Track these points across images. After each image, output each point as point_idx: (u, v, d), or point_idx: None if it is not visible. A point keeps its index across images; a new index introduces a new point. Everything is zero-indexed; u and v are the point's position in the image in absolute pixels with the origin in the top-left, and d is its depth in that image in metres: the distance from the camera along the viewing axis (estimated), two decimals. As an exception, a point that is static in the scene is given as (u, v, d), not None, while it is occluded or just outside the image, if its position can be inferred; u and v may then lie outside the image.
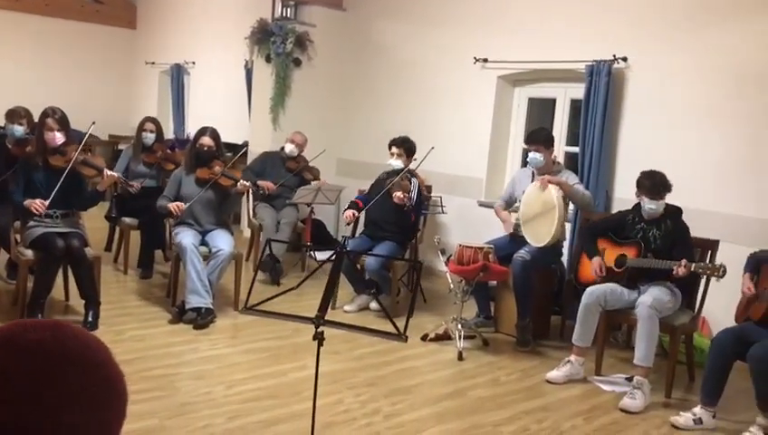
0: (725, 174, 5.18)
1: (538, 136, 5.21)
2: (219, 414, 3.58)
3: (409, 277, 6.26)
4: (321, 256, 6.75)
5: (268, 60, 7.69)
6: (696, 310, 4.56)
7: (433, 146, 5.61)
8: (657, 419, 4.00)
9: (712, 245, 4.54)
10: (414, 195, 5.56)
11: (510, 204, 5.45)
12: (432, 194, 6.35)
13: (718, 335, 3.94)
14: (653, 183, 4.37)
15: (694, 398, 4.27)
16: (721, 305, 4.58)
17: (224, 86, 9.74)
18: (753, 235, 4.74)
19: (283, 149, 6.90)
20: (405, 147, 5.75)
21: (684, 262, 4.08)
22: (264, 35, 7.62)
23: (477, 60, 6.73)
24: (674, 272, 4.12)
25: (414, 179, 5.66)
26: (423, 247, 6.51)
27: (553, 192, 4.90)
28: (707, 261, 4.50)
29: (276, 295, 2.93)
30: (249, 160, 7.10)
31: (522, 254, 5.01)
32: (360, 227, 6.00)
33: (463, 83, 6.92)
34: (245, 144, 7.70)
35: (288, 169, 6.74)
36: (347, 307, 5.62)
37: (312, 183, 6.69)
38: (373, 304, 5.58)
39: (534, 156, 5.14)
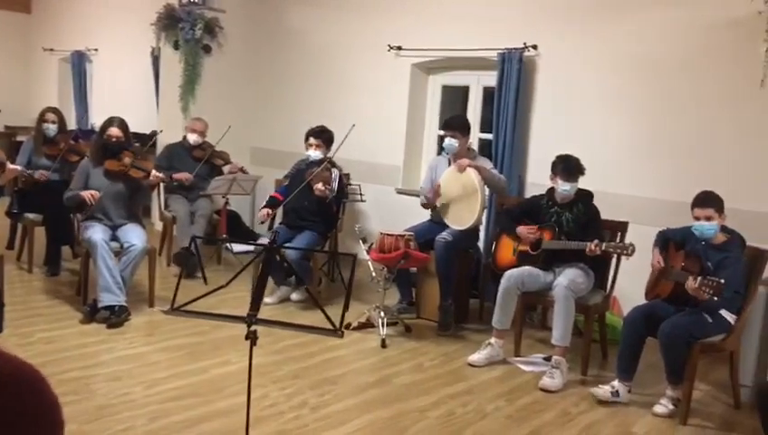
0: (631, 158, 5.40)
1: (455, 122, 5.27)
2: (140, 416, 3.45)
3: (329, 267, 6.23)
4: (238, 248, 6.64)
5: (176, 47, 7.44)
6: (607, 290, 4.74)
7: (354, 123, 5.56)
8: (575, 396, 4.14)
9: (622, 226, 4.73)
10: (335, 185, 5.52)
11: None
12: (350, 182, 6.33)
13: (630, 313, 4.11)
14: (567, 166, 4.51)
15: (608, 374, 4.45)
16: (629, 285, 4.78)
17: (129, 74, 9.37)
18: (658, 215, 4.95)
19: (185, 138, 6.68)
20: (323, 137, 5.70)
21: (596, 242, 4.23)
22: (171, 21, 7.36)
23: (392, 47, 6.73)
24: (587, 250, 4.26)
25: (335, 170, 5.61)
26: (342, 236, 6.49)
27: (473, 176, 4.98)
28: (618, 241, 4.69)
29: (205, 295, 2.83)
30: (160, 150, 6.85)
31: (444, 235, 5.07)
32: (279, 218, 5.90)
33: (378, 71, 6.91)
34: (154, 134, 7.44)
35: (195, 159, 6.54)
36: (267, 299, 5.52)
37: (225, 169, 6.54)
38: (294, 296, 5.53)
39: (450, 142, 5.19)
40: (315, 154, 5.67)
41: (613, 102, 5.49)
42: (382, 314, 4.86)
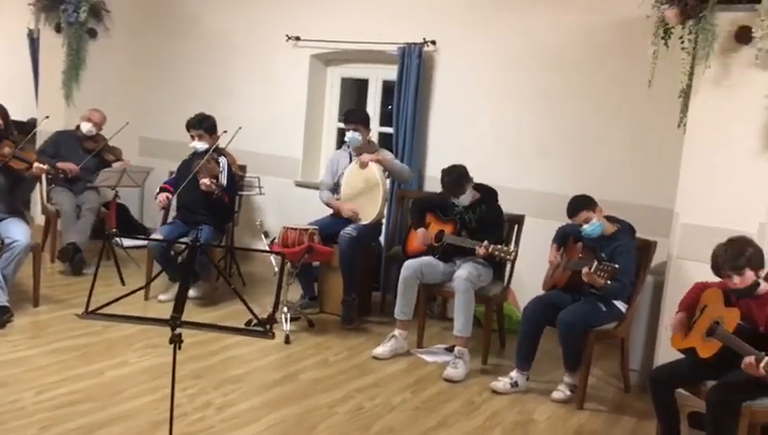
0: (528, 153, 5.57)
1: (356, 115, 5.25)
2: (31, 424, 3.23)
3: (226, 262, 6.06)
4: (129, 243, 6.34)
5: (58, 29, 6.99)
6: (505, 281, 4.88)
7: (240, 126, 5.42)
8: (478, 385, 4.24)
9: (519, 219, 4.89)
10: (224, 177, 5.33)
11: (337, 190, 5.43)
12: (248, 174, 6.17)
13: (529, 304, 4.25)
14: (448, 184, 4.57)
15: (506, 362, 4.59)
16: (525, 276, 4.95)
17: (3, 58, 8.71)
18: (554, 209, 5.11)
19: (78, 127, 6.31)
20: (204, 126, 5.42)
21: (485, 244, 4.35)
22: (52, 2, 6.90)
23: (290, 37, 6.62)
24: (476, 251, 4.39)
25: (222, 159, 5.41)
26: (239, 230, 6.33)
27: (375, 170, 4.99)
28: (514, 236, 4.85)
29: (121, 297, 2.64)
30: (41, 140, 6.41)
31: (348, 230, 5.05)
32: (173, 212, 5.66)
33: (276, 61, 6.78)
34: (32, 121, 6.97)
35: (86, 150, 6.19)
36: (162, 296, 5.31)
37: (115, 165, 6.22)
38: (191, 292, 5.33)
39: (353, 135, 5.17)
40: (200, 145, 5.41)
41: (510, 99, 5.64)
42: (285, 309, 4.78)
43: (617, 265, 3.84)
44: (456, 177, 4.58)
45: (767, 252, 3.30)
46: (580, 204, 4.10)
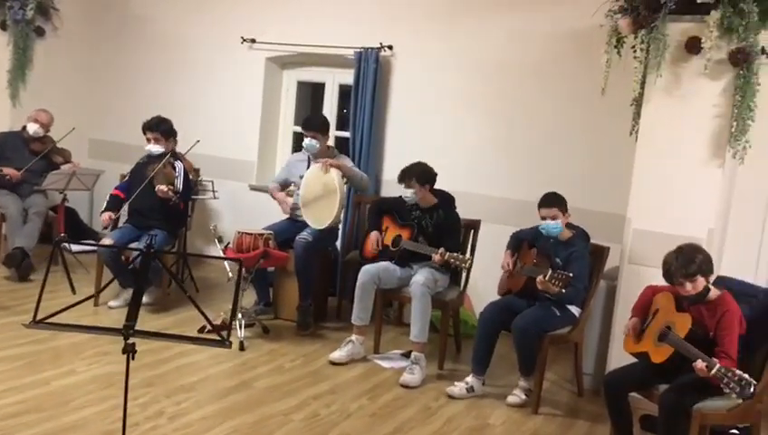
0: (484, 158, 5.61)
1: (314, 123, 5.19)
2: (-27, 437, 3.10)
3: (178, 268, 5.95)
4: (77, 248, 6.17)
5: (4, 27, 6.76)
6: (461, 286, 4.90)
7: (198, 139, 5.34)
8: (435, 390, 4.24)
9: (475, 224, 4.91)
10: (180, 182, 5.24)
11: (284, 187, 5.41)
12: (202, 178, 6.08)
13: (485, 309, 4.27)
14: (401, 174, 4.65)
15: (462, 367, 4.60)
16: (481, 281, 4.98)
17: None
18: (510, 214, 5.19)
19: (24, 128, 6.12)
20: (161, 129, 5.31)
21: (441, 250, 4.37)
22: (-4, -1, 6.69)
23: (245, 40, 6.54)
24: (432, 259, 4.39)
25: (179, 164, 5.33)
26: (192, 234, 6.22)
27: (334, 176, 4.96)
28: (470, 241, 4.88)
29: (70, 306, 2.55)
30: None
31: (304, 236, 5.01)
32: (124, 217, 5.53)
33: (231, 64, 6.69)
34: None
35: (33, 152, 6.00)
36: (112, 303, 5.19)
37: (64, 167, 6.04)
38: (144, 298, 5.20)
39: (311, 142, 5.13)
40: (155, 148, 5.31)
41: (466, 104, 5.67)
42: (239, 315, 4.71)
43: (571, 274, 3.88)
44: (411, 166, 4.63)
45: (716, 257, 3.38)
46: (557, 200, 4.14)
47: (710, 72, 3.84)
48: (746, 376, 2.80)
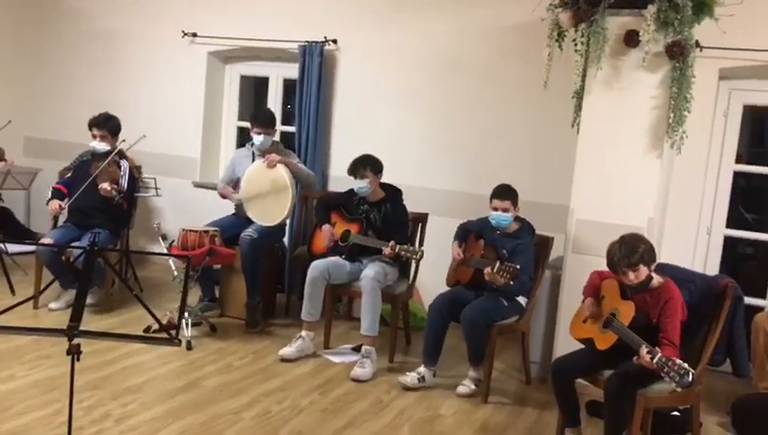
0: (430, 152, 5.64)
1: (264, 117, 5.12)
2: None
3: (121, 267, 5.81)
4: (14, 248, 5.96)
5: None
6: (410, 279, 4.92)
7: (144, 134, 5.22)
8: (386, 383, 4.26)
9: (422, 218, 4.94)
10: (124, 181, 5.13)
11: (233, 185, 5.31)
12: (144, 175, 5.94)
13: (434, 301, 4.30)
14: (351, 166, 4.64)
15: (413, 359, 4.63)
16: (429, 274, 5.00)
17: None
18: (456, 207, 5.24)
19: (-46, 127, 5.89)
20: (108, 127, 5.20)
21: (392, 244, 4.38)
22: None
23: (186, 34, 6.42)
24: (383, 252, 4.41)
25: (124, 162, 5.21)
26: (135, 233, 6.08)
27: (283, 172, 4.91)
28: (418, 234, 4.90)
29: (9, 308, 2.46)
30: None
31: (249, 232, 4.95)
32: (64, 215, 5.37)
33: (171, 58, 6.55)
34: None
35: (-37, 151, 5.80)
36: (53, 305, 5.04)
37: (-1, 166, 5.84)
38: (87, 299, 5.06)
39: (260, 138, 5.07)
40: (100, 146, 5.19)
41: (412, 98, 5.69)
42: (186, 314, 4.62)
43: (518, 266, 3.94)
44: (364, 157, 4.63)
45: (656, 245, 3.47)
46: (511, 194, 4.20)
47: (648, 64, 3.94)
48: (685, 365, 2.88)
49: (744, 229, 5.28)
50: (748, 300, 4.29)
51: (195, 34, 6.42)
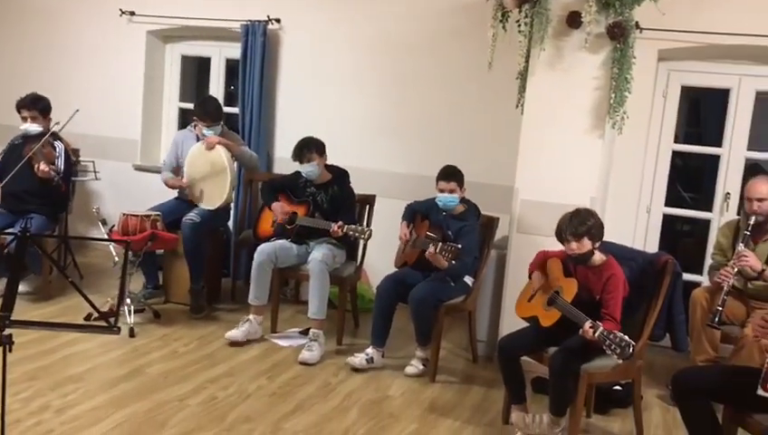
0: (377, 134, 5.61)
1: (210, 109, 4.95)
2: None
3: (60, 254, 5.64)
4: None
5: None
6: (358, 261, 4.91)
7: (78, 108, 5.03)
8: (334, 366, 4.24)
9: (370, 200, 4.92)
10: (61, 163, 4.97)
11: (178, 171, 5.18)
12: (81, 159, 5.76)
13: (382, 282, 4.30)
14: (295, 151, 4.57)
15: (361, 341, 4.63)
16: (377, 255, 5.00)
17: None
18: (404, 189, 5.23)
19: None
20: (38, 107, 5.01)
21: (339, 223, 4.35)
22: None
23: (124, 12, 6.22)
24: (331, 231, 4.38)
25: (58, 144, 5.04)
26: (74, 218, 5.90)
27: (222, 153, 4.82)
28: (365, 216, 4.89)
29: None
30: None
31: (191, 216, 4.85)
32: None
33: (109, 38, 6.34)
34: None
35: None
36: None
37: None
38: (21, 287, 4.90)
39: (210, 132, 4.95)
40: (33, 128, 5.01)
41: (358, 79, 5.64)
42: (128, 301, 4.52)
43: (460, 245, 3.96)
44: (307, 141, 4.57)
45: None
46: (456, 175, 4.21)
47: (590, 45, 3.99)
48: (626, 338, 2.95)
49: (682, 207, 5.43)
50: (686, 276, 4.41)
51: (133, 13, 6.23)
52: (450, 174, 4.21)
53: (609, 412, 3.87)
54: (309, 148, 4.56)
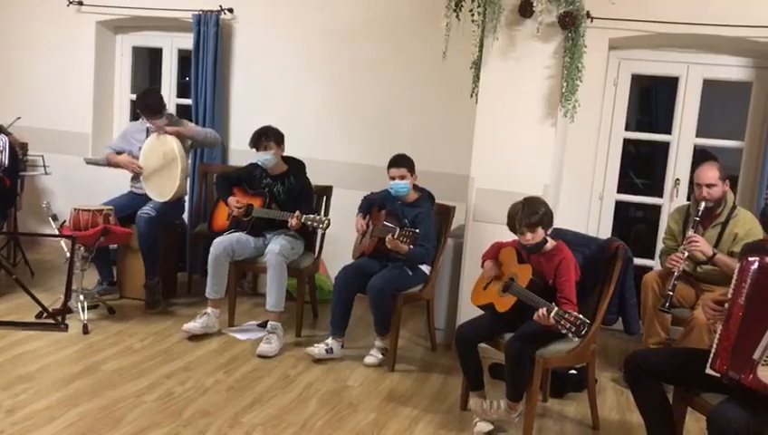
0: (332, 124, 5.59)
1: (151, 104, 4.86)
2: None
3: (9, 251, 5.50)
4: None
5: None
6: (316, 252, 4.90)
7: (19, 116, 4.91)
8: (293, 358, 4.23)
9: (327, 190, 4.91)
10: (5, 157, 4.85)
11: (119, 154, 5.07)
12: (30, 153, 5.61)
13: (340, 273, 4.29)
14: (253, 138, 4.53)
15: (320, 333, 4.63)
16: (335, 246, 5.00)
17: None
18: (360, 179, 5.23)
19: None
20: None
21: (297, 214, 4.33)
22: None
23: (71, 3, 6.07)
24: (288, 223, 4.36)
25: (2, 137, 4.92)
26: (23, 214, 5.76)
27: (173, 144, 4.75)
28: (323, 207, 4.88)
29: None
30: None
31: (146, 210, 4.77)
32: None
33: (57, 29, 6.18)
34: None
35: None
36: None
37: None
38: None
39: (150, 125, 4.88)
40: None
41: (313, 70, 5.60)
42: (81, 297, 4.43)
43: (417, 231, 3.99)
44: (266, 129, 4.53)
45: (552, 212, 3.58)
46: (406, 162, 4.23)
47: (542, 34, 4.03)
48: (581, 317, 3.00)
49: (634, 194, 5.53)
50: (638, 261, 4.51)
51: (81, 3, 6.09)
52: (399, 161, 4.23)
53: (564, 396, 3.94)
54: (267, 136, 4.52)
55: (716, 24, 4.49)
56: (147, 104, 4.85)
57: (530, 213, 3.31)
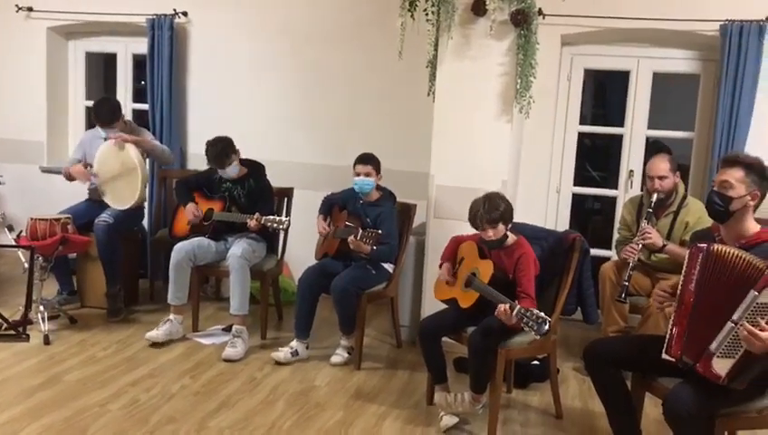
0: (290, 126, 5.59)
1: (99, 112, 4.80)
2: None
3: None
4: None
5: None
6: (279, 254, 4.90)
7: None
8: (259, 361, 4.23)
9: (287, 192, 4.91)
10: None
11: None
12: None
13: (304, 274, 4.30)
14: (212, 154, 4.48)
15: (285, 334, 4.64)
16: (297, 247, 5.00)
17: None
18: (320, 180, 5.25)
19: None
20: None
21: (257, 215, 4.33)
22: None
23: (21, 8, 5.97)
24: (248, 225, 4.36)
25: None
26: (-22, 226, 5.64)
27: (132, 152, 4.70)
28: (284, 209, 4.88)
29: None
30: None
31: (104, 218, 4.72)
32: None
33: (6, 36, 6.08)
34: None
35: None
36: None
37: None
38: None
39: (110, 133, 4.82)
40: None
41: (269, 71, 5.60)
42: (41, 307, 4.36)
43: (380, 231, 4.02)
44: (221, 147, 4.48)
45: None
46: (373, 160, 4.26)
47: (495, 32, 4.09)
48: (542, 314, 3.05)
49: (591, 186, 5.65)
50: (595, 251, 4.60)
51: (30, 9, 5.99)
52: (367, 158, 4.27)
53: (528, 387, 4.02)
54: (226, 152, 4.48)
55: (664, 18, 4.61)
56: (99, 113, 4.80)
57: (491, 209, 3.35)
